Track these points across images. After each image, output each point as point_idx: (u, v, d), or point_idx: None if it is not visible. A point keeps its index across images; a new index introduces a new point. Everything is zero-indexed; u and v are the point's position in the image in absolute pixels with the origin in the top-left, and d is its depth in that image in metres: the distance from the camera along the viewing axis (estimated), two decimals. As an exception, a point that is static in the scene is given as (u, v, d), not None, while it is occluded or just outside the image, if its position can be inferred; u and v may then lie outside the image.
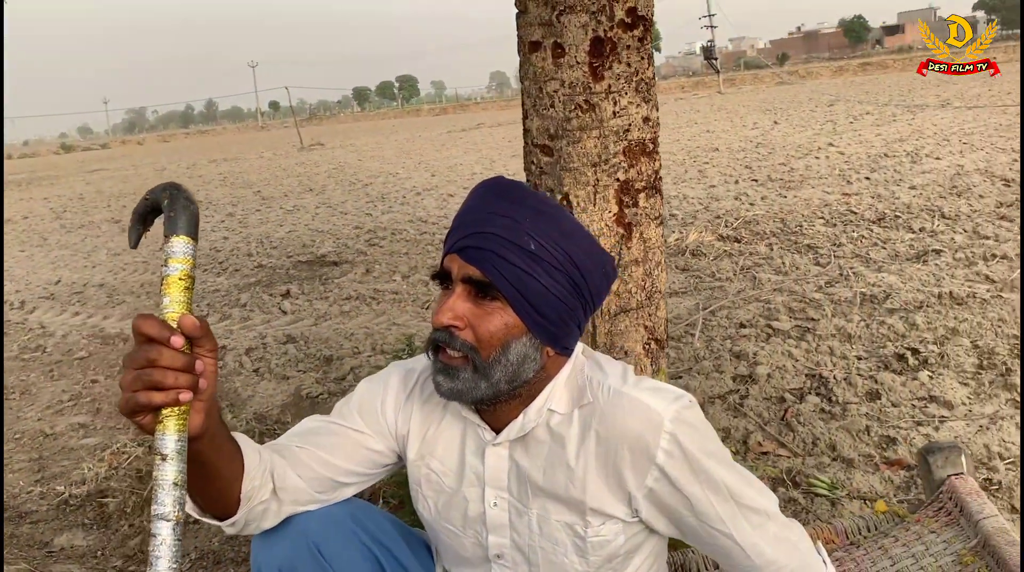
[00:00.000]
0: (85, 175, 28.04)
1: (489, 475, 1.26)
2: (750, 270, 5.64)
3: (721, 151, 13.48)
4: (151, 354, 0.94)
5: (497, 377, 1.15)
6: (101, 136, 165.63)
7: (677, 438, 1.15)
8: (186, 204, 1.02)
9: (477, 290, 1.14)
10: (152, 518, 0.95)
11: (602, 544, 1.23)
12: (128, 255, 9.28)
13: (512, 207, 1.15)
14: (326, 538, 1.26)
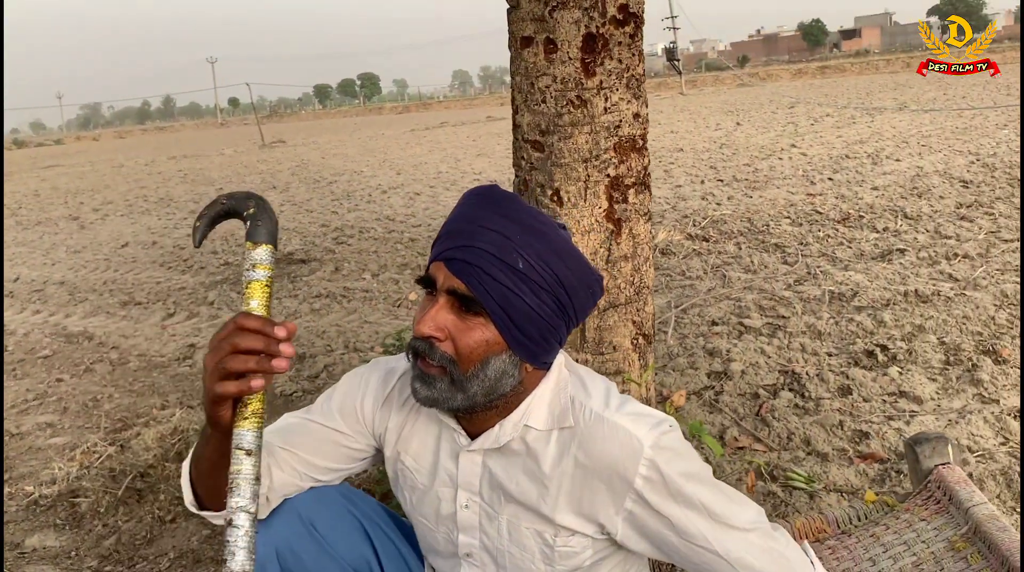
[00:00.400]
0: (39, 171, 27.40)
1: (462, 479, 1.27)
2: (720, 269, 5.70)
3: (686, 151, 13.60)
4: (260, 343, 1.00)
5: (474, 390, 1.15)
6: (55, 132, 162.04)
7: (656, 464, 1.15)
8: (271, 214, 1.09)
9: (461, 303, 1.14)
10: (233, 510, 1.01)
11: (569, 555, 1.24)
12: (88, 253, 9.11)
13: (504, 222, 1.13)
14: (319, 514, 1.29)
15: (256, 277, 1.05)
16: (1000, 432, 2.90)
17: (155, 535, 2.76)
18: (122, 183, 18.63)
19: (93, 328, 5.73)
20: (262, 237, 1.06)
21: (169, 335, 5.36)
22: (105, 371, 4.68)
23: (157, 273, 7.63)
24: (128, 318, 5.98)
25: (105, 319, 6.04)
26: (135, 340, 5.30)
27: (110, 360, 4.86)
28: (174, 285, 6.98)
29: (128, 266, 8.12)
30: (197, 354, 4.80)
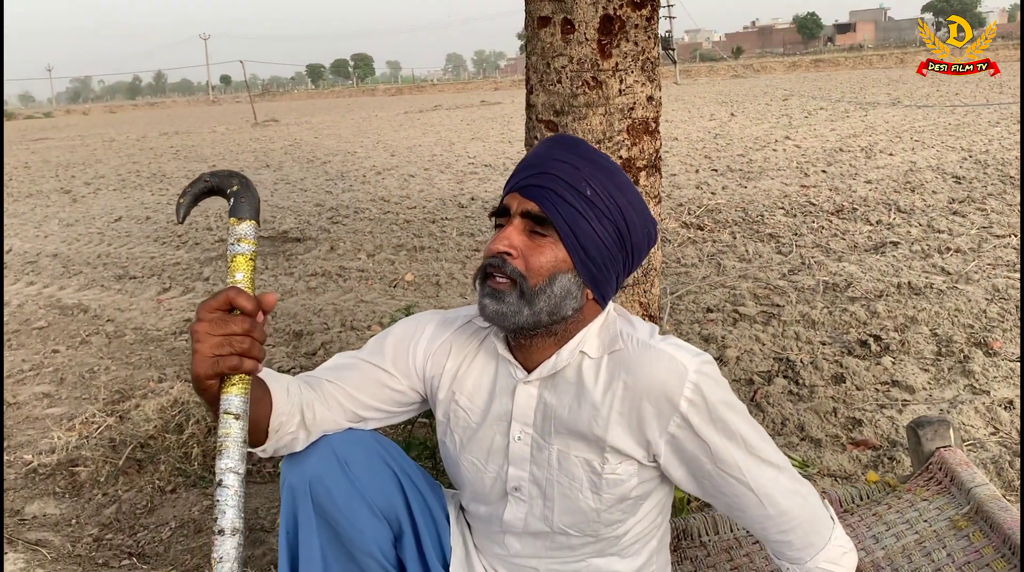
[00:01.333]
0: (29, 144, 27.16)
1: (517, 411, 1.33)
2: (715, 257, 5.74)
3: (680, 141, 13.63)
4: (247, 325, 1.07)
5: (540, 306, 1.22)
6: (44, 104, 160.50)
7: (700, 388, 1.23)
8: (254, 192, 1.14)
9: (533, 224, 1.23)
10: (223, 471, 1.06)
11: (616, 482, 1.29)
12: (81, 226, 9.07)
13: (574, 157, 1.25)
14: (353, 454, 1.33)
15: (241, 251, 1.12)
16: (991, 422, 2.95)
17: (155, 505, 2.78)
18: (114, 158, 18.50)
19: (88, 301, 5.72)
20: (246, 213, 1.12)
21: (165, 309, 5.37)
22: (101, 343, 4.68)
23: (151, 248, 7.61)
24: (123, 292, 5.97)
25: (100, 292, 6.03)
26: (131, 313, 5.30)
27: (106, 333, 4.86)
28: (169, 260, 6.97)
29: (122, 240, 8.09)
30: (193, 329, 4.81)
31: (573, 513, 1.32)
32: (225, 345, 1.06)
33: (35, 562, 2.36)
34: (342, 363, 1.42)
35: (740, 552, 1.64)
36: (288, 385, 1.32)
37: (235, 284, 1.09)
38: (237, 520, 1.05)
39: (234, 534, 1.05)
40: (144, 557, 2.50)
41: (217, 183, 1.14)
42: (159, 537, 2.60)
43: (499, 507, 1.38)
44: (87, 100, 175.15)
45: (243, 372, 1.09)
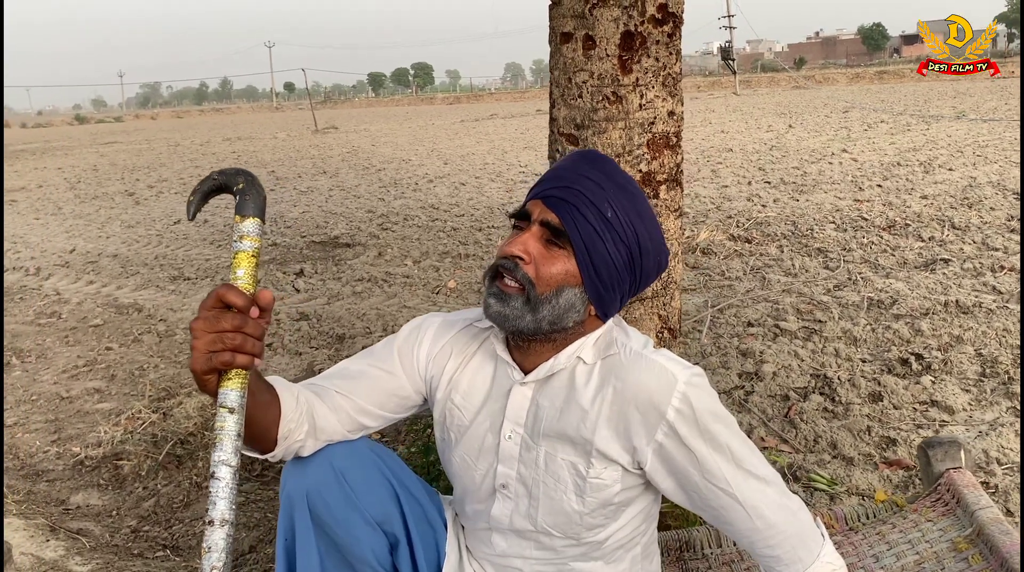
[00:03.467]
0: (99, 147, 28.13)
1: (510, 411, 1.36)
2: (760, 270, 5.69)
3: (735, 152, 13.50)
4: (237, 321, 1.09)
5: (543, 314, 1.26)
6: (115, 109, 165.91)
7: (688, 398, 1.25)
8: (260, 189, 1.15)
9: (551, 234, 1.27)
10: (216, 464, 1.09)
11: (600, 487, 1.31)
12: (142, 228, 9.38)
13: (601, 176, 1.28)
14: (349, 466, 1.37)
15: (243, 248, 1.13)
16: (1030, 446, 2.88)
17: (192, 499, 2.88)
18: (177, 162, 19.06)
19: (143, 300, 5.91)
20: (250, 210, 1.13)
21: (215, 311, 5.51)
22: (152, 342, 4.84)
23: (207, 250, 7.83)
24: (177, 292, 6.16)
25: (155, 292, 6.23)
26: (182, 313, 5.47)
27: (157, 332, 5.02)
28: (222, 262, 7.16)
29: (179, 242, 8.34)
30: (241, 330, 4.94)
31: (556, 514, 1.35)
32: (218, 342, 1.09)
33: (74, 550, 2.46)
34: (352, 370, 1.45)
35: (741, 566, 1.64)
36: (298, 393, 1.36)
37: (235, 281, 1.11)
38: (228, 511, 1.09)
39: (223, 525, 1.08)
40: (177, 550, 2.59)
41: (224, 181, 1.16)
42: (192, 531, 2.69)
43: (488, 504, 1.41)
44: (156, 105, 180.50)
45: (236, 367, 1.11)
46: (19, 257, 8.06)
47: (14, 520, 2.63)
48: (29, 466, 3.25)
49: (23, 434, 3.57)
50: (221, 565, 1.08)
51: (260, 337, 1.13)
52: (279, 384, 1.35)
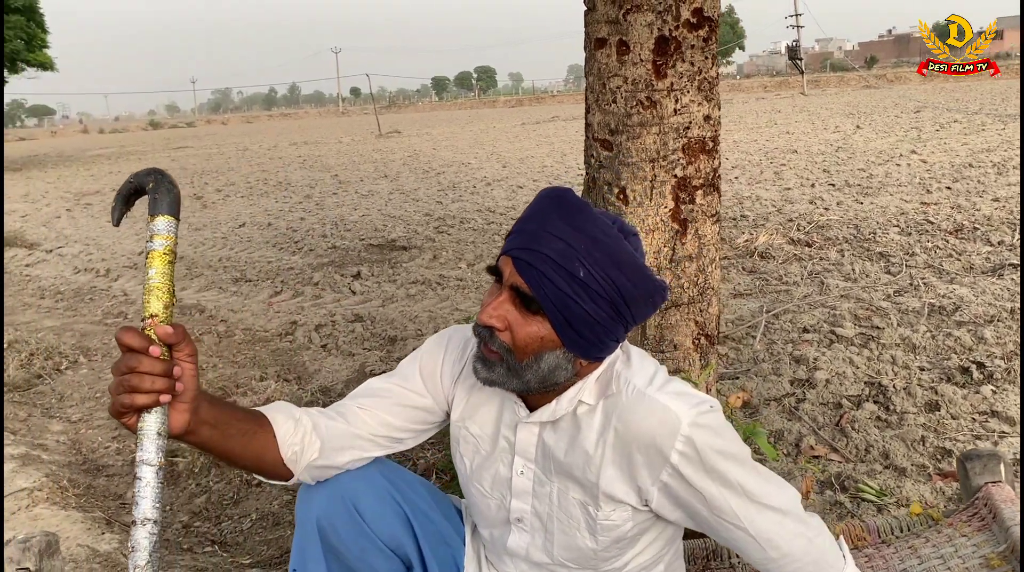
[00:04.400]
0: (171, 152, 29.03)
1: (519, 447, 1.35)
2: (818, 275, 5.57)
3: (799, 153, 13.23)
4: (131, 362, 1.09)
5: (528, 378, 1.23)
6: (187, 114, 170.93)
7: (693, 440, 1.20)
8: (169, 187, 1.14)
9: (522, 300, 1.21)
10: (138, 464, 1.09)
11: (611, 527, 1.30)
12: (208, 230, 9.64)
13: (570, 231, 1.19)
14: (361, 495, 1.38)
15: (154, 247, 1.11)
16: (1095, 460, 2.76)
17: (241, 497, 2.96)
18: (245, 166, 19.54)
19: (206, 301, 6.09)
20: (161, 209, 1.12)
21: (274, 312, 5.65)
22: (212, 342, 4.98)
23: (269, 253, 8.01)
24: (238, 294, 6.32)
25: (217, 293, 6.40)
26: (242, 315, 5.61)
27: (217, 332, 5.16)
28: (283, 265, 7.32)
29: (243, 245, 8.56)
30: (298, 331, 5.05)
31: (571, 549, 1.34)
32: (119, 386, 1.09)
33: (128, 543, 2.54)
34: (375, 387, 1.45)
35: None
36: (300, 417, 1.37)
37: (148, 281, 1.11)
38: (151, 510, 1.08)
39: (145, 524, 1.08)
40: (225, 545, 2.66)
41: (138, 183, 1.14)
42: (241, 528, 2.77)
43: (504, 533, 1.41)
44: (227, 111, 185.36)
45: (138, 408, 1.10)
46: (90, 259, 8.37)
47: (73, 512, 2.74)
48: (91, 461, 3.38)
49: (87, 430, 3.71)
50: (144, 563, 1.08)
51: (162, 373, 1.10)
52: (277, 411, 1.36)
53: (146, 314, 1.12)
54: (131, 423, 1.11)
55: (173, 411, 1.15)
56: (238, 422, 1.28)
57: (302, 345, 4.80)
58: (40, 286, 7.30)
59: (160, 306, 1.12)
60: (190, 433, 1.20)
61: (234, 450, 1.28)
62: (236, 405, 1.33)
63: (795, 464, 2.89)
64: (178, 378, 1.13)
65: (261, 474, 1.36)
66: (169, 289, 1.12)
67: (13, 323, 5.79)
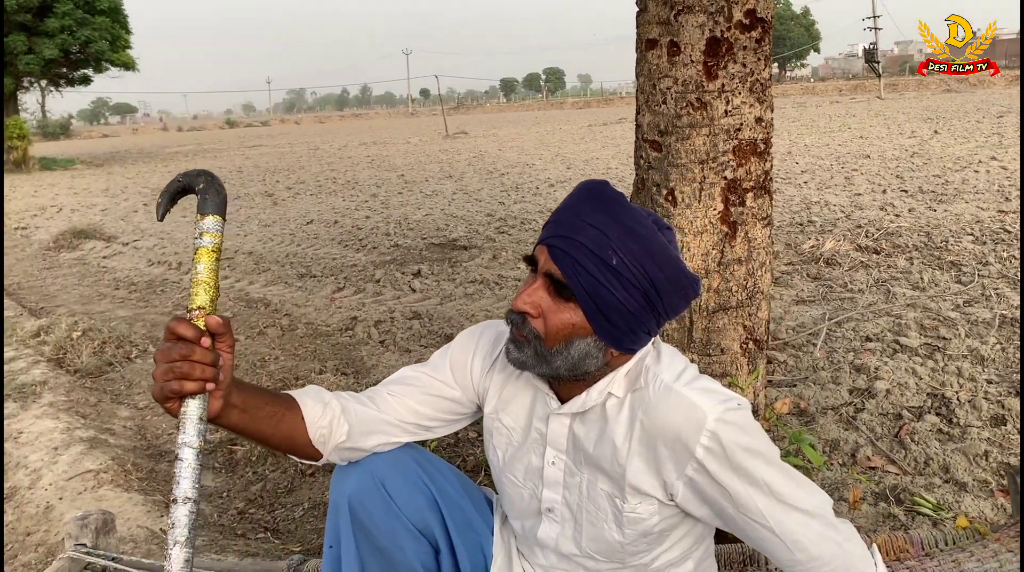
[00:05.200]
0: (245, 150, 29.80)
1: (551, 438, 1.37)
2: (885, 283, 5.43)
3: (872, 158, 12.88)
4: (184, 350, 1.14)
5: (557, 364, 1.25)
6: (262, 114, 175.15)
7: (718, 436, 1.20)
8: (218, 189, 1.21)
9: (555, 287, 1.23)
10: (180, 445, 1.15)
11: (637, 520, 1.30)
12: (277, 227, 9.88)
13: (606, 220, 1.21)
14: (390, 476, 1.42)
15: (203, 244, 1.18)
16: None
17: (295, 486, 3.03)
18: (315, 165, 19.95)
19: (271, 296, 6.24)
20: (209, 208, 1.19)
21: (336, 307, 5.76)
22: (275, 335, 5.10)
23: (334, 250, 8.17)
24: (303, 289, 6.46)
25: (283, 288, 6.56)
26: (305, 309, 5.74)
27: (281, 325, 5.29)
28: (347, 262, 7.45)
29: (310, 242, 8.74)
30: (358, 326, 5.14)
31: (598, 541, 1.35)
32: (169, 372, 1.14)
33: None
34: (407, 376, 1.49)
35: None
36: (329, 401, 1.41)
37: (196, 275, 1.17)
38: (191, 490, 1.14)
39: (186, 502, 1.14)
40: (277, 533, 2.73)
41: (187, 182, 1.21)
42: (293, 516, 2.83)
43: (535, 524, 1.43)
44: (300, 110, 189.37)
45: (185, 394, 1.15)
46: (164, 252, 8.67)
47: (135, 495, 2.85)
48: (154, 447, 3.51)
49: (152, 417, 3.85)
50: (183, 539, 1.13)
51: (210, 363, 1.16)
52: (307, 395, 1.40)
53: (194, 306, 1.18)
54: (174, 408, 1.17)
55: (210, 397, 1.21)
56: (267, 406, 1.33)
57: (361, 340, 4.88)
58: (115, 277, 7.59)
59: (207, 299, 1.18)
60: (220, 417, 1.25)
61: (263, 432, 1.34)
62: (266, 390, 1.37)
63: (849, 474, 2.83)
64: (220, 367, 1.19)
65: (293, 454, 1.41)
66: (215, 283, 1.19)
67: (89, 312, 6.04)
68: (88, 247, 9.45)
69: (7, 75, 27.34)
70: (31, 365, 4.44)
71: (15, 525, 2.81)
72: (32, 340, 4.93)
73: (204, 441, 1.18)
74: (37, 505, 2.88)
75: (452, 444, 3.28)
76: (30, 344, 4.87)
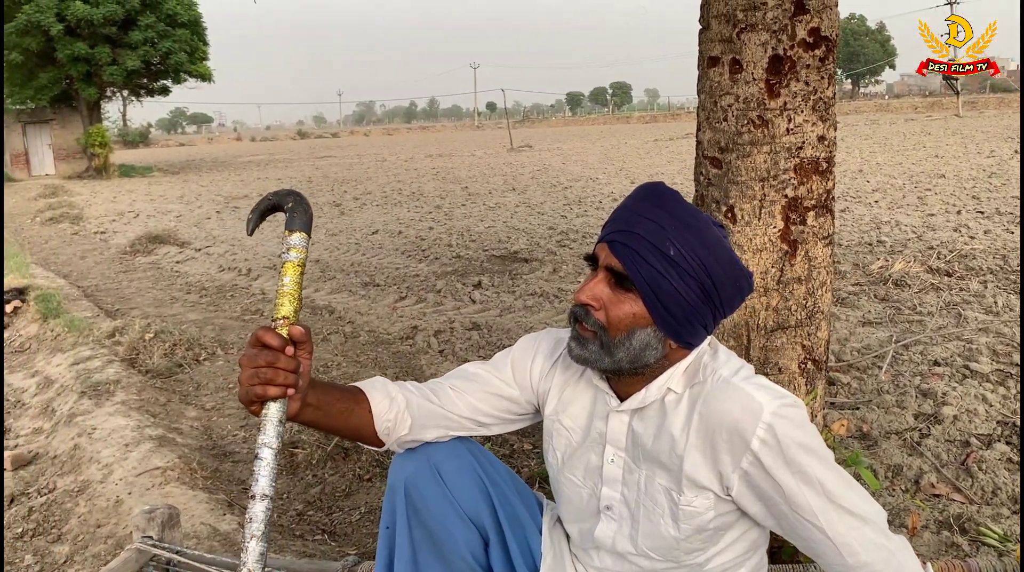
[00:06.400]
0: (315, 161, 30.48)
1: (610, 436, 1.40)
2: (956, 306, 5.27)
3: (948, 178, 12.54)
4: (269, 357, 1.22)
5: (620, 356, 1.29)
6: (333, 125, 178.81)
7: (774, 429, 1.22)
8: (306, 208, 1.29)
9: (616, 279, 1.28)
10: (260, 445, 1.23)
11: (693, 514, 1.31)
12: (343, 236, 10.08)
13: (662, 214, 1.27)
14: (446, 463, 1.47)
15: (289, 258, 1.25)
16: None
17: (353, 490, 3.09)
18: (382, 176, 20.29)
19: (336, 303, 6.37)
20: (296, 226, 1.26)
21: (398, 316, 5.85)
22: (338, 342, 5.21)
23: (397, 260, 8.30)
24: (366, 297, 6.58)
25: (347, 296, 6.69)
26: (368, 317, 5.84)
27: (344, 333, 5.40)
28: (410, 272, 7.56)
29: (374, 251, 8.90)
30: (418, 335, 5.21)
31: (655, 538, 1.36)
32: (254, 377, 1.22)
33: (246, 515, 2.71)
34: (469, 372, 1.55)
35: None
36: (395, 394, 1.48)
37: (282, 286, 1.25)
38: (268, 487, 1.21)
39: (263, 499, 1.21)
40: (334, 535, 2.79)
41: (277, 201, 1.29)
42: (350, 520, 2.89)
43: (592, 523, 1.45)
44: (369, 123, 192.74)
45: (269, 398, 1.23)
46: (234, 258, 8.92)
47: (200, 493, 2.94)
48: (220, 447, 3.61)
49: (218, 418, 3.97)
50: (259, 534, 1.20)
51: (293, 370, 1.23)
52: (375, 387, 1.48)
53: (278, 315, 1.26)
54: (257, 410, 1.25)
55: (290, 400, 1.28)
56: (338, 402, 1.41)
57: (421, 349, 4.95)
58: (187, 282, 7.84)
59: (291, 310, 1.26)
60: (298, 415, 1.33)
61: (334, 426, 1.42)
62: (336, 386, 1.44)
63: (911, 500, 2.76)
64: (300, 374, 1.27)
65: (359, 441, 1.49)
66: (299, 295, 1.27)
67: (162, 315, 6.26)
68: (162, 252, 9.78)
69: (92, 85, 28.50)
70: (106, 364, 4.62)
71: (87, 517, 2.93)
72: (108, 340, 5.13)
73: (282, 442, 1.25)
74: (108, 499, 2.99)
75: (507, 455, 3.31)
76: (105, 344, 5.07)
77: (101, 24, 26.74)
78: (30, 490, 3.25)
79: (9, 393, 4.54)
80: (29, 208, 17.07)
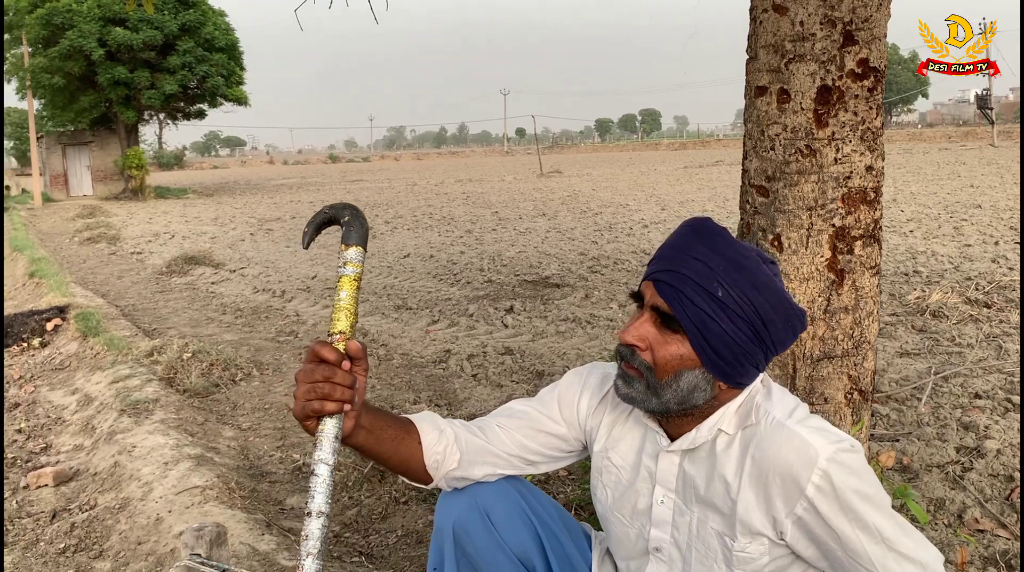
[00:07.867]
0: (347, 184, 30.80)
1: (660, 476, 1.38)
2: (996, 338, 5.20)
3: (984, 208, 12.39)
4: (326, 372, 1.21)
5: (667, 398, 1.27)
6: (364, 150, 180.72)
7: (830, 476, 1.19)
8: (362, 222, 1.28)
9: (663, 319, 1.26)
10: (316, 462, 1.21)
11: (747, 560, 1.29)
12: (375, 260, 10.16)
13: (710, 253, 1.25)
14: (495, 505, 1.46)
15: (346, 272, 1.25)
16: None
17: (389, 513, 3.10)
18: (413, 200, 20.45)
19: (368, 326, 6.41)
20: (353, 240, 1.25)
21: (431, 339, 5.88)
22: (372, 364, 5.24)
23: (429, 283, 8.34)
24: (399, 321, 6.62)
25: (380, 319, 6.73)
26: (401, 340, 5.87)
27: (377, 355, 5.43)
28: (442, 295, 7.60)
29: (406, 275, 8.96)
30: (451, 359, 5.23)
31: None
32: (311, 392, 1.20)
33: (284, 546, 2.73)
34: (515, 409, 1.53)
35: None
36: (444, 428, 1.47)
37: (338, 301, 1.24)
38: (324, 504, 1.20)
39: (319, 516, 1.19)
40: (371, 558, 2.80)
41: (334, 214, 1.29)
42: (387, 542, 2.90)
43: (641, 564, 1.43)
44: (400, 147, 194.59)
45: (326, 414, 1.22)
46: (268, 280, 9.02)
47: (238, 512, 2.96)
48: (257, 467, 3.64)
49: (255, 438, 4.00)
50: (316, 552, 1.19)
51: (350, 385, 1.23)
52: (424, 420, 1.46)
53: (335, 330, 1.25)
54: (312, 426, 1.24)
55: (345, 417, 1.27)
56: (390, 428, 1.40)
57: (454, 373, 4.97)
58: (223, 302, 7.94)
59: (348, 325, 1.25)
60: (350, 437, 1.31)
61: (384, 453, 1.39)
62: (389, 412, 1.44)
63: (955, 535, 2.71)
64: (356, 390, 1.26)
65: (405, 476, 1.47)
66: (355, 310, 1.26)
67: (198, 335, 6.33)
68: (198, 273, 9.92)
69: (130, 108, 29.15)
70: (144, 383, 4.68)
71: (127, 534, 2.96)
72: (146, 359, 5.20)
73: (337, 458, 1.24)
74: (148, 516, 3.02)
75: (542, 480, 3.30)
76: (144, 363, 5.14)
77: (141, 49, 27.40)
78: (72, 506, 3.29)
79: (50, 410, 4.62)
80: (68, 228, 17.42)
